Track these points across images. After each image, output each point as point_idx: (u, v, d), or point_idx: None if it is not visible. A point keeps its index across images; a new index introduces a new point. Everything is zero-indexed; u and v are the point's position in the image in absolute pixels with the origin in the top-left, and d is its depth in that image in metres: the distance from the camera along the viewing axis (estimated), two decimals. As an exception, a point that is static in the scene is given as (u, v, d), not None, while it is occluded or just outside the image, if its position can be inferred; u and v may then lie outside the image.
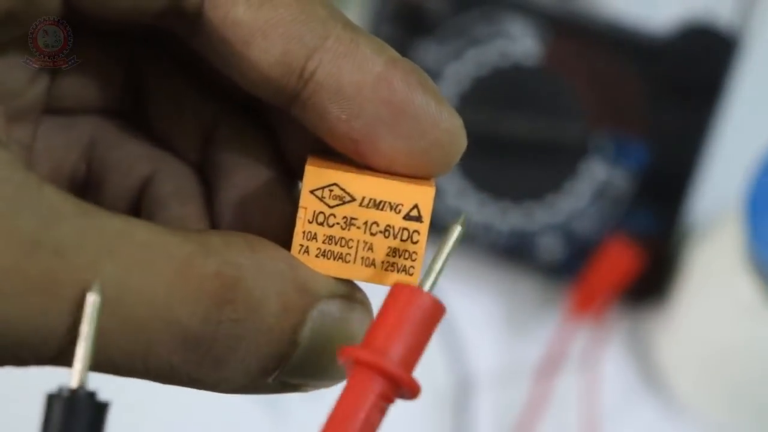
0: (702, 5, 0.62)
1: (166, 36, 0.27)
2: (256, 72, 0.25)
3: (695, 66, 0.59)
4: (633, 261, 0.59)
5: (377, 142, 0.25)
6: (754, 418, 0.58)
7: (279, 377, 0.25)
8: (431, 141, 0.25)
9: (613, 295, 0.59)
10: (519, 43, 0.60)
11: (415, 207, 0.26)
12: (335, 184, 0.26)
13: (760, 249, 0.51)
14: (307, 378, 0.26)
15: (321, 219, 0.26)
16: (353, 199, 0.26)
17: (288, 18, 0.25)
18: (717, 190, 0.61)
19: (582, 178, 0.60)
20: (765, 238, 0.51)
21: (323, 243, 0.26)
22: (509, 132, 0.60)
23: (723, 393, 0.58)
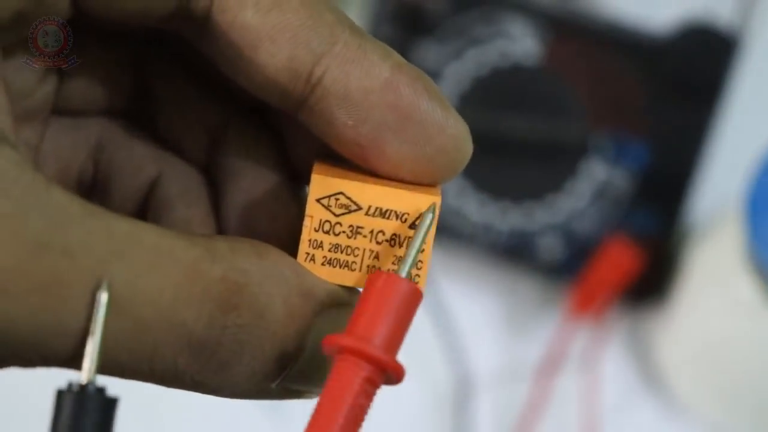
0: (702, 5, 0.62)
1: (174, 39, 0.27)
2: (263, 76, 0.25)
3: (695, 66, 0.59)
4: (633, 261, 0.59)
5: (383, 147, 0.25)
6: (753, 417, 0.58)
7: (283, 383, 0.25)
8: (437, 147, 0.25)
9: (613, 295, 0.59)
10: (519, 43, 0.60)
11: (421, 216, 0.26)
12: (341, 192, 0.25)
13: (760, 249, 0.51)
14: (311, 384, 0.26)
15: (327, 227, 0.26)
16: (359, 208, 0.26)
17: (296, 23, 0.25)
18: (717, 190, 0.61)
19: (582, 178, 0.60)
20: (765, 238, 0.51)
21: (329, 251, 0.26)
22: (509, 132, 0.60)
23: (723, 393, 0.58)
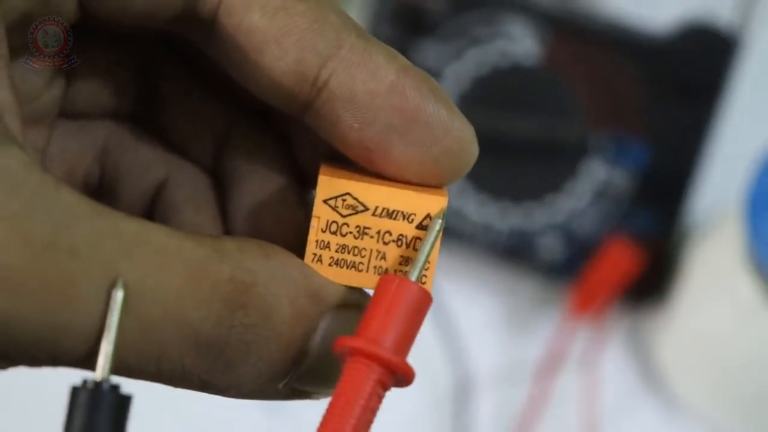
0: (702, 5, 0.62)
1: (180, 41, 0.27)
2: (269, 79, 0.25)
3: (695, 66, 0.59)
4: (633, 261, 0.59)
5: (389, 150, 0.25)
6: (753, 417, 0.58)
7: (289, 384, 0.25)
8: (443, 149, 0.26)
9: (613, 295, 0.59)
10: (519, 43, 0.60)
11: (428, 216, 0.26)
12: (348, 193, 0.26)
13: (760, 249, 0.51)
14: (317, 385, 0.26)
15: (334, 228, 0.26)
16: (366, 209, 0.26)
17: (302, 26, 0.25)
18: (717, 190, 0.61)
19: (582, 178, 0.60)
20: (765, 238, 0.51)
21: (336, 252, 0.26)
22: (509, 132, 0.60)
23: (722, 392, 0.58)
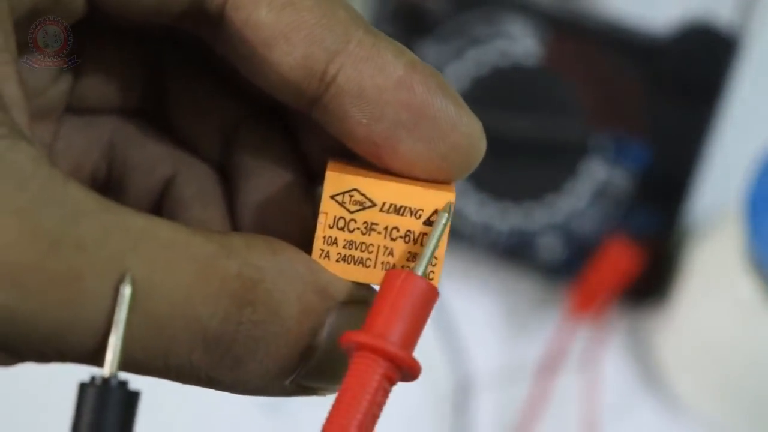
0: (702, 5, 0.62)
1: (188, 37, 0.27)
2: (277, 75, 0.25)
3: (695, 66, 0.59)
4: (633, 261, 0.59)
5: (397, 145, 0.25)
6: (753, 417, 0.58)
7: (296, 380, 0.25)
8: (451, 144, 0.25)
9: (613, 295, 0.59)
10: (519, 43, 0.60)
11: (436, 212, 0.26)
12: (356, 189, 0.25)
13: (760, 249, 0.51)
14: (324, 381, 0.26)
15: (341, 224, 0.26)
16: (374, 205, 0.26)
17: (310, 21, 0.25)
18: (717, 190, 0.61)
19: (582, 178, 0.60)
20: (765, 238, 0.51)
21: (343, 248, 0.26)
22: (509, 132, 0.60)
23: (723, 393, 0.58)
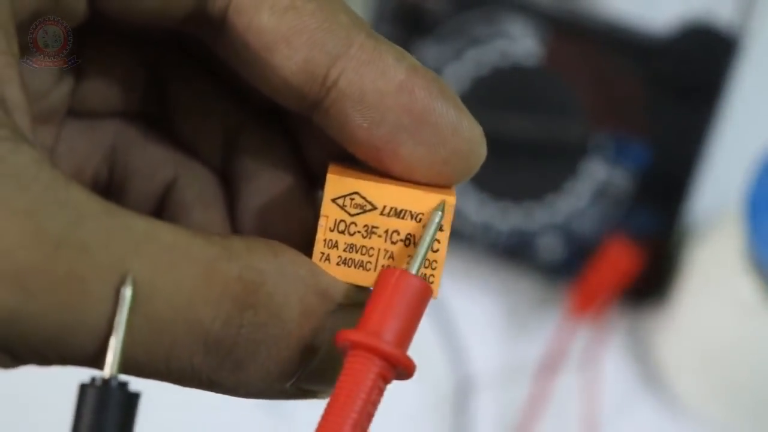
0: (702, 5, 0.62)
1: (190, 41, 0.27)
2: (278, 78, 0.25)
3: (695, 66, 0.59)
4: (633, 261, 0.59)
5: (398, 149, 0.25)
6: (753, 417, 0.58)
7: (297, 383, 0.25)
8: (451, 149, 0.25)
9: (613, 295, 0.59)
10: (519, 43, 0.60)
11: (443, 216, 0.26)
12: (356, 192, 0.26)
13: (760, 249, 0.51)
14: (325, 384, 0.26)
15: (342, 227, 0.26)
16: (374, 208, 0.26)
17: (312, 25, 0.25)
18: (717, 190, 0.61)
19: (582, 178, 0.60)
20: (765, 238, 0.51)
21: (344, 251, 0.26)
22: (509, 132, 0.60)
23: (723, 392, 0.58)
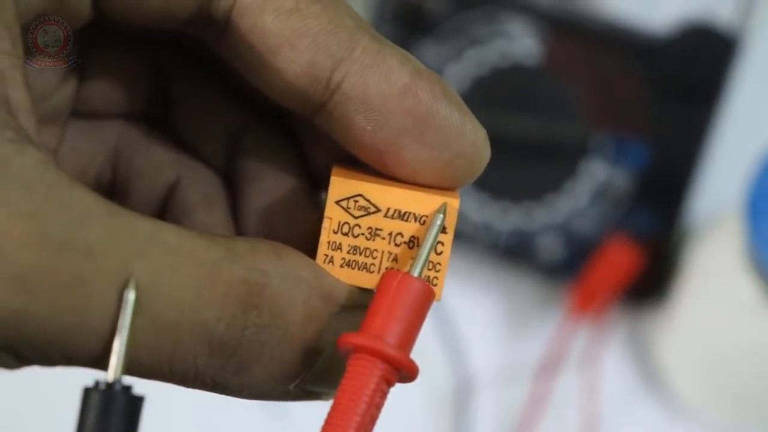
0: (702, 5, 0.62)
1: (194, 43, 0.27)
2: (282, 81, 0.25)
3: (695, 66, 0.59)
4: (633, 261, 0.59)
5: (402, 152, 0.25)
6: (753, 417, 0.58)
7: (301, 385, 0.25)
8: (455, 152, 0.25)
9: (613, 295, 0.59)
10: (519, 43, 0.60)
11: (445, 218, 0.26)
12: (360, 194, 0.25)
13: (760, 249, 0.51)
14: (329, 386, 0.26)
15: (346, 229, 0.26)
16: (378, 210, 0.26)
17: (316, 28, 0.25)
18: (717, 190, 0.61)
19: (582, 178, 0.60)
20: (765, 238, 0.51)
21: (348, 253, 0.26)
22: (509, 132, 0.60)
23: (723, 392, 0.58)
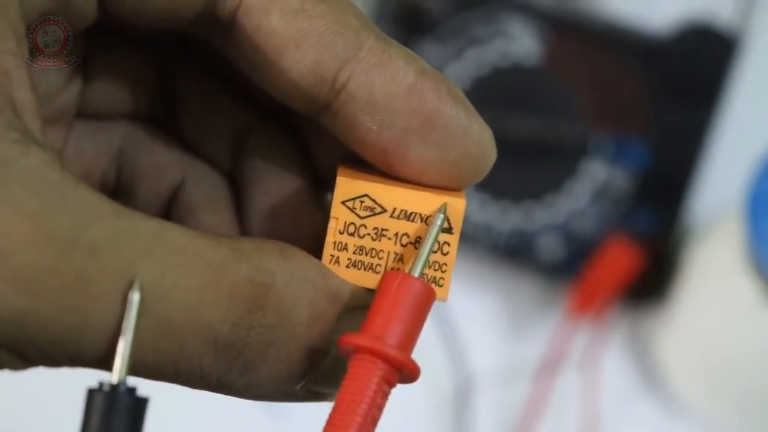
0: (702, 5, 0.62)
1: (199, 43, 0.27)
2: (287, 81, 0.25)
3: (695, 66, 0.59)
4: (633, 261, 0.59)
5: (407, 152, 0.25)
6: (753, 417, 0.58)
7: (307, 385, 0.25)
8: (461, 152, 0.25)
9: (613, 295, 0.59)
10: (519, 43, 0.60)
11: (446, 219, 0.26)
12: (366, 195, 0.25)
13: (760, 249, 0.51)
14: (335, 387, 0.25)
15: (352, 230, 0.25)
16: (384, 210, 0.26)
17: (321, 28, 0.25)
18: (717, 190, 0.61)
19: (582, 178, 0.60)
20: (765, 238, 0.51)
21: (354, 253, 0.26)
22: (509, 132, 0.60)
23: (722, 392, 0.58)
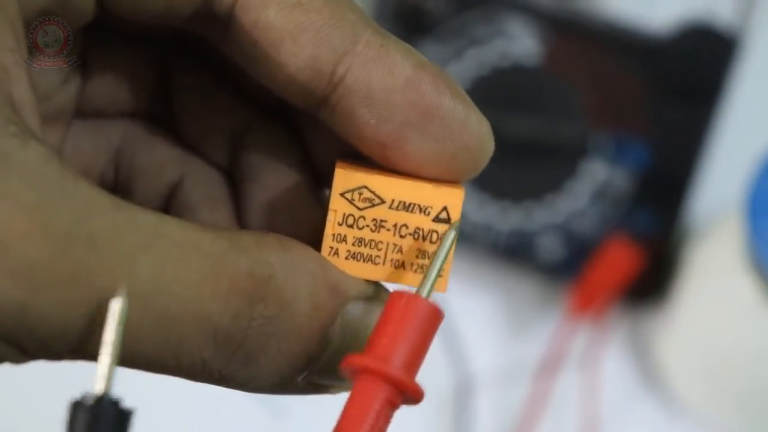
0: (702, 5, 0.62)
1: (196, 39, 0.27)
2: (285, 75, 0.25)
3: (695, 66, 0.59)
4: (633, 261, 0.59)
5: (405, 146, 0.25)
6: (753, 417, 0.58)
7: (308, 377, 0.25)
8: (459, 145, 0.25)
9: (613, 295, 0.59)
10: (519, 43, 0.60)
11: (445, 209, 0.26)
12: (365, 186, 0.26)
13: (760, 249, 0.51)
14: (336, 379, 0.26)
15: (351, 221, 0.26)
16: (383, 202, 0.26)
17: (319, 22, 0.25)
18: (717, 190, 0.61)
19: (582, 178, 0.60)
20: (765, 238, 0.51)
21: (353, 245, 0.26)
22: (509, 132, 0.60)
23: (722, 392, 0.58)
